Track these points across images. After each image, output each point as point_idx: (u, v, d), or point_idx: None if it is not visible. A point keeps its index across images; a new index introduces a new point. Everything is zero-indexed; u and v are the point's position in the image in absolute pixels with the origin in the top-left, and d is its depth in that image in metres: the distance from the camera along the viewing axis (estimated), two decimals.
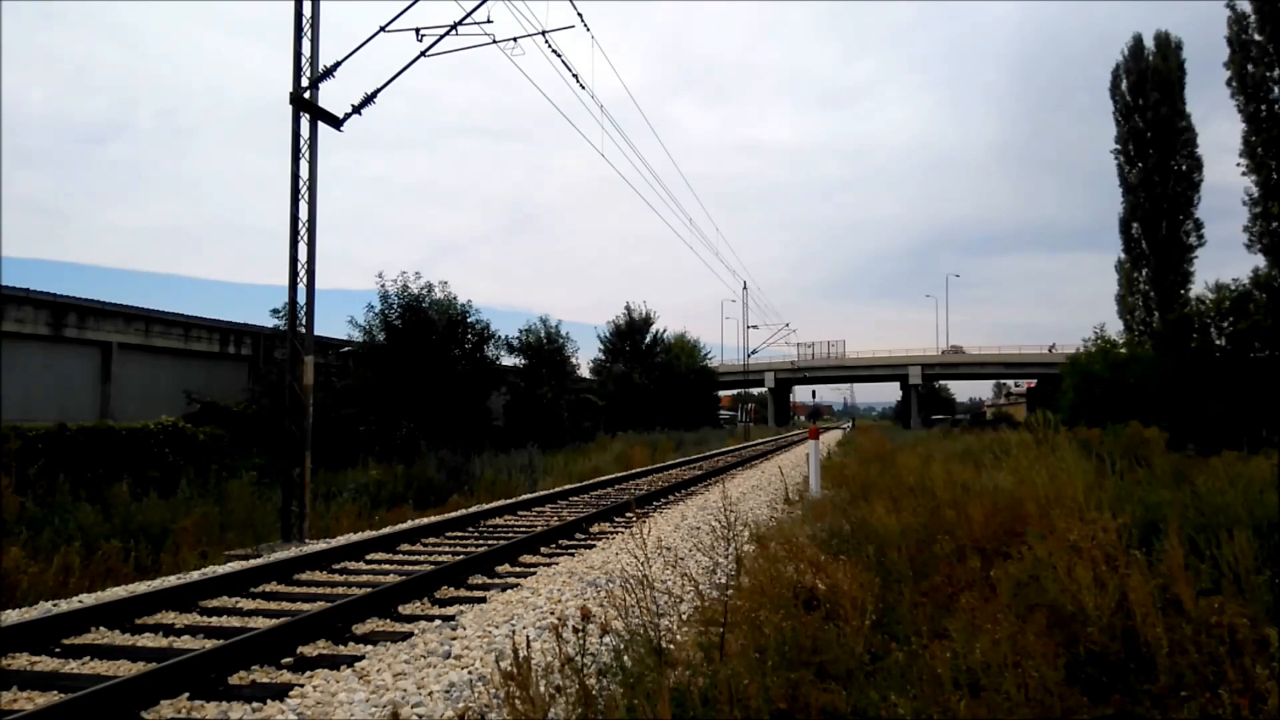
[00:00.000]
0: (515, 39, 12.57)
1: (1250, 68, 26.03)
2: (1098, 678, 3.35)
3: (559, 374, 34.76)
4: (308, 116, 10.99)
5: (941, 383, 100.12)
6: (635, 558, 8.11)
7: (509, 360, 32.71)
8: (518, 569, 7.86)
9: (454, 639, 5.23)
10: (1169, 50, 38.88)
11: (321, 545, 9.11)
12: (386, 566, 8.14)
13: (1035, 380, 68.39)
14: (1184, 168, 38.00)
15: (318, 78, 11.01)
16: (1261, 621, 3.40)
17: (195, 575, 7.39)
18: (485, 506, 12.46)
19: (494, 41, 12.09)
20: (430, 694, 4.22)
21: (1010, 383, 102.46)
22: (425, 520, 10.87)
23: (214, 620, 5.99)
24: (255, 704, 4.15)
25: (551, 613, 5.88)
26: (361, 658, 4.91)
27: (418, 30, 11.98)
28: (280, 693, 4.29)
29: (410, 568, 7.98)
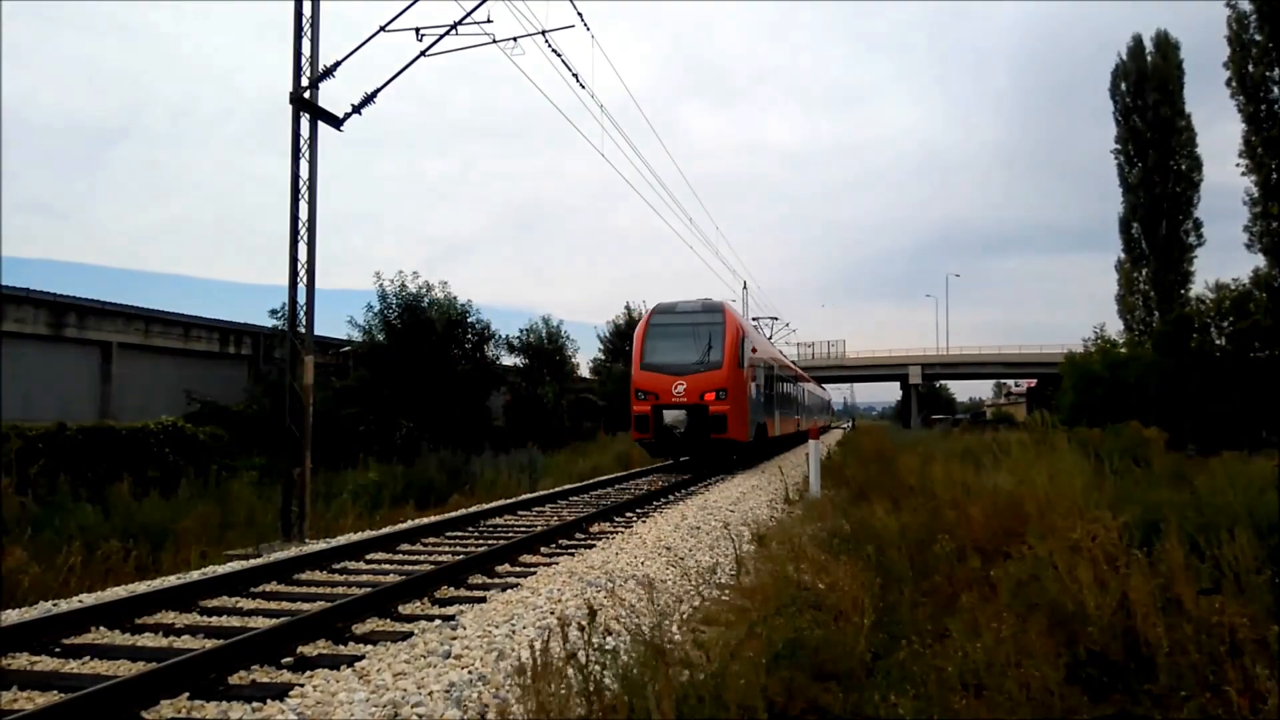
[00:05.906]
0: (515, 39, 12.58)
1: (1250, 67, 26.00)
2: (1098, 678, 3.36)
3: (559, 374, 34.72)
4: (308, 116, 10.99)
5: (941, 383, 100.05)
6: (635, 557, 8.12)
7: (509, 360, 32.69)
8: (518, 569, 7.86)
9: (454, 639, 5.22)
10: (1168, 50, 38.93)
11: (321, 545, 9.10)
12: (386, 566, 8.14)
13: (1035, 380, 68.40)
14: (1184, 168, 38.05)
15: (318, 77, 11.01)
16: (1261, 621, 3.40)
17: (195, 575, 7.38)
18: (485, 506, 12.45)
19: (494, 41, 12.10)
20: (430, 694, 4.22)
21: (1010, 383, 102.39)
22: (425, 520, 10.87)
23: (214, 620, 5.98)
24: (255, 704, 4.15)
25: (551, 612, 5.87)
26: (361, 658, 4.91)
27: (418, 30, 11.99)
28: (280, 693, 4.29)
29: (410, 567, 7.97)
